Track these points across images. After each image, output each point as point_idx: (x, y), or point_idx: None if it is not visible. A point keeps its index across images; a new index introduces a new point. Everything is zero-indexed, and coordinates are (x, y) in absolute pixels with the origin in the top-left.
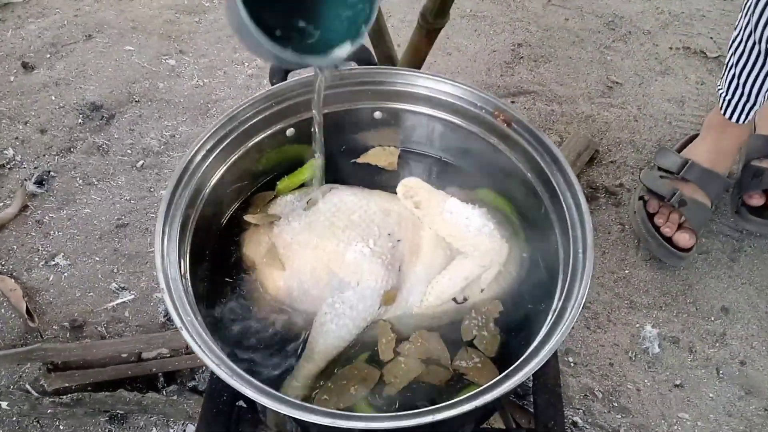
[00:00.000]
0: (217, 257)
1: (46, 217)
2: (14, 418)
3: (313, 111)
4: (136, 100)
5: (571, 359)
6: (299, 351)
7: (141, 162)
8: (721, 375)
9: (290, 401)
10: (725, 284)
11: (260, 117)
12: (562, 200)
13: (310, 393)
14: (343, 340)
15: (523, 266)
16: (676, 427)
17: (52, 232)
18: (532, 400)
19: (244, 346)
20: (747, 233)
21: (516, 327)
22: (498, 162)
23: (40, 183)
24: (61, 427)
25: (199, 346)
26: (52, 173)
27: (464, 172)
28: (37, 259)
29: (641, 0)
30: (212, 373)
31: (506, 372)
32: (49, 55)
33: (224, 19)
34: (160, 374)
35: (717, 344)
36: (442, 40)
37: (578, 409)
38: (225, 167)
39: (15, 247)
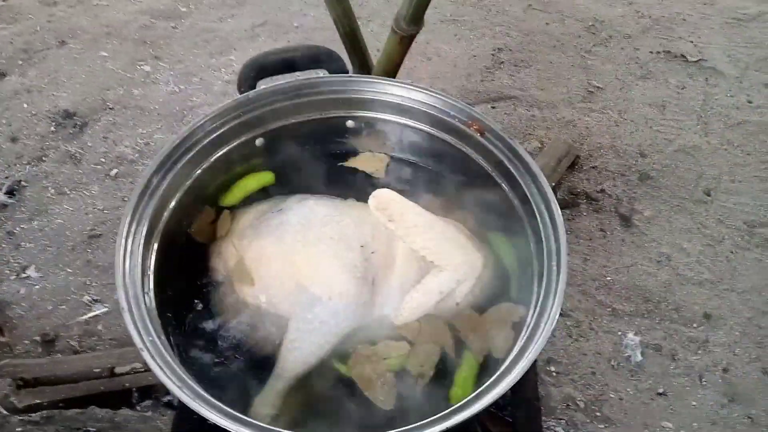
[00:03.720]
0: (184, 272)
1: (17, 228)
2: None
3: None
4: (110, 107)
5: (553, 368)
6: (270, 368)
7: (115, 171)
8: (704, 382)
9: (255, 424)
10: (707, 290)
11: (228, 127)
12: (536, 213)
13: (280, 411)
14: (314, 357)
15: (497, 279)
16: None
17: (23, 243)
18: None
19: (211, 363)
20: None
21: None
22: (472, 172)
23: (10, 193)
24: None
25: (161, 368)
26: (23, 183)
27: (440, 180)
28: (7, 271)
29: (622, 4)
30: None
31: (477, 391)
32: (20, 62)
33: (200, 24)
34: (133, 389)
35: (700, 351)
36: (422, 45)
37: (560, 419)
38: (191, 179)
39: None
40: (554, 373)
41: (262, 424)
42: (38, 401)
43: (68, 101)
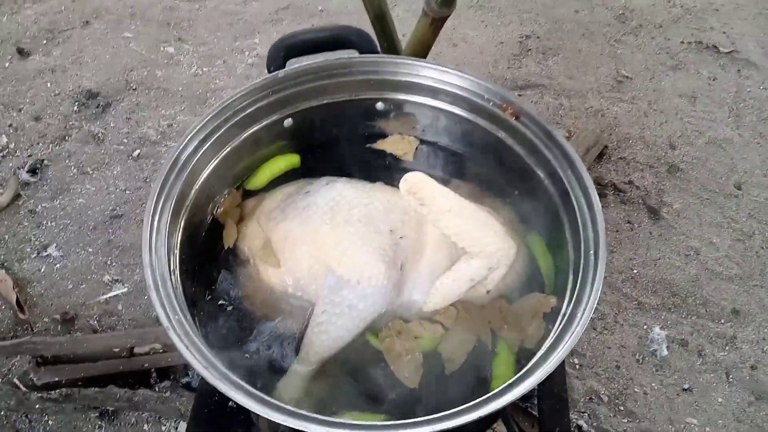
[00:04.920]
0: (210, 252)
1: (39, 207)
2: (2, 413)
3: None
4: (134, 88)
5: (576, 361)
6: (295, 351)
7: (137, 151)
8: (730, 379)
9: (280, 407)
10: (736, 286)
11: (256, 107)
12: (573, 199)
13: (306, 395)
14: (341, 341)
15: (530, 268)
16: None
17: (44, 222)
18: (536, 402)
19: (236, 345)
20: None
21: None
22: (505, 158)
23: (33, 171)
24: (50, 423)
25: (186, 347)
26: (45, 162)
27: (472, 165)
28: (29, 249)
29: None
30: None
31: (511, 380)
32: (45, 41)
33: (224, 6)
34: (152, 370)
35: (727, 347)
36: (448, 31)
37: (583, 412)
38: (219, 158)
39: (6, 237)
40: (578, 366)
41: (289, 407)
42: (57, 379)
43: (92, 81)
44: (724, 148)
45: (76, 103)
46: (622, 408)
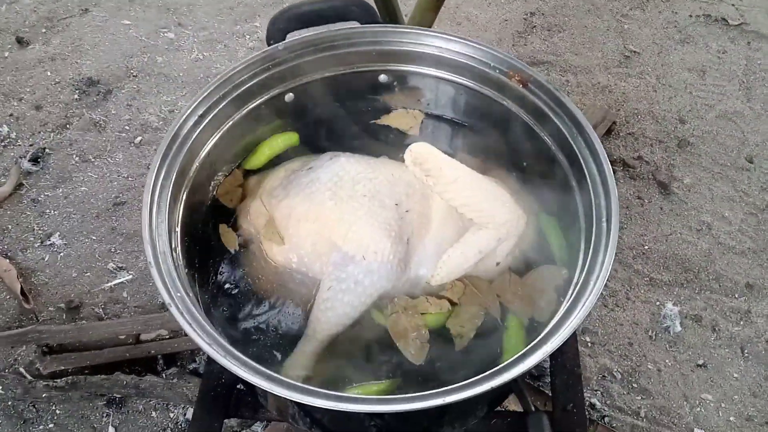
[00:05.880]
0: (212, 229)
1: (42, 196)
2: (9, 403)
3: None
4: (134, 74)
5: (588, 339)
6: (301, 329)
7: (139, 138)
8: (746, 354)
9: (288, 383)
10: (750, 260)
11: (256, 81)
12: (583, 166)
13: (312, 373)
14: (348, 318)
15: (540, 239)
16: (698, 408)
17: (47, 210)
18: (549, 381)
19: (241, 324)
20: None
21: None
22: (513, 127)
23: (35, 160)
24: (57, 411)
25: (190, 324)
26: (47, 150)
27: (478, 137)
28: (32, 238)
29: None
30: (208, 355)
31: (523, 351)
32: (44, 30)
33: None
34: (159, 356)
35: (741, 322)
36: (452, 10)
37: (596, 390)
38: (219, 134)
39: (9, 226)
40: (590, 344)
41: (294, 382)
42: (63, 367)
43: (92, 69)
44: (734, 121)
45: (77, 91)
46: (635, 385)
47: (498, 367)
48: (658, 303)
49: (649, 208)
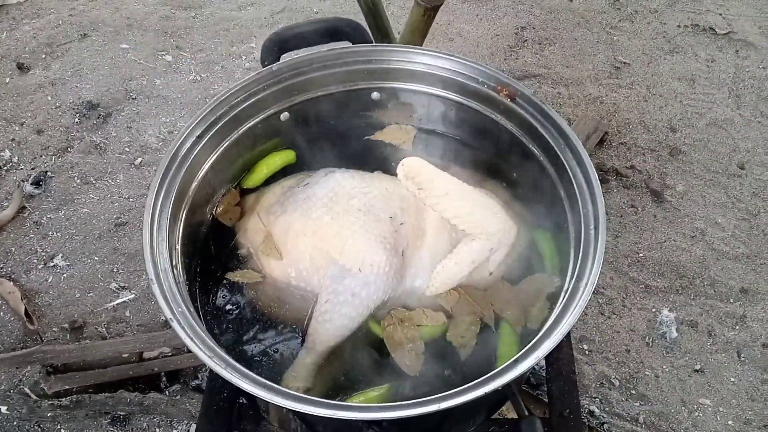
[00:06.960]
0: (212, 246)
1: (44, 218)
2: (15, 423)
3: None
4: (133, 97)
5: (585, 347)
6: (300, 341)
7: (139, 159)
8: (742, 358)
9: (287, 393)
10: (744, 265)
11: (252, 101)
12: (571, 176)
13: (312, 385)
14: (346, 329)
15: (531, 248)
16: (697, 413)
17: (50, 233)
18: (546, 389)
19: (241, 338)
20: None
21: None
22: (502, 140)
23: (37, 184)
24: (62, 431)
25: (191, 338)
26: (49, 174)
27: (469, 150)
28: (35, 260)
29: None
30: (211, 369)
31: (515, 357)
32: (44, 56)
33: (220, 13)
34: (162, 374)
35: (737, 327)
36: (443, 26)
37: (595, 397)
38: (217, 154)
39: (13, 249)
40: (587, 351)
41: (293, 392)
42: (68, 387)
43: (92, 93)
44: (725, 128)
45: (77, 115)
46: (634, 392)
47: (491, 373)
48: (654, 310)
49: (643, 216)
